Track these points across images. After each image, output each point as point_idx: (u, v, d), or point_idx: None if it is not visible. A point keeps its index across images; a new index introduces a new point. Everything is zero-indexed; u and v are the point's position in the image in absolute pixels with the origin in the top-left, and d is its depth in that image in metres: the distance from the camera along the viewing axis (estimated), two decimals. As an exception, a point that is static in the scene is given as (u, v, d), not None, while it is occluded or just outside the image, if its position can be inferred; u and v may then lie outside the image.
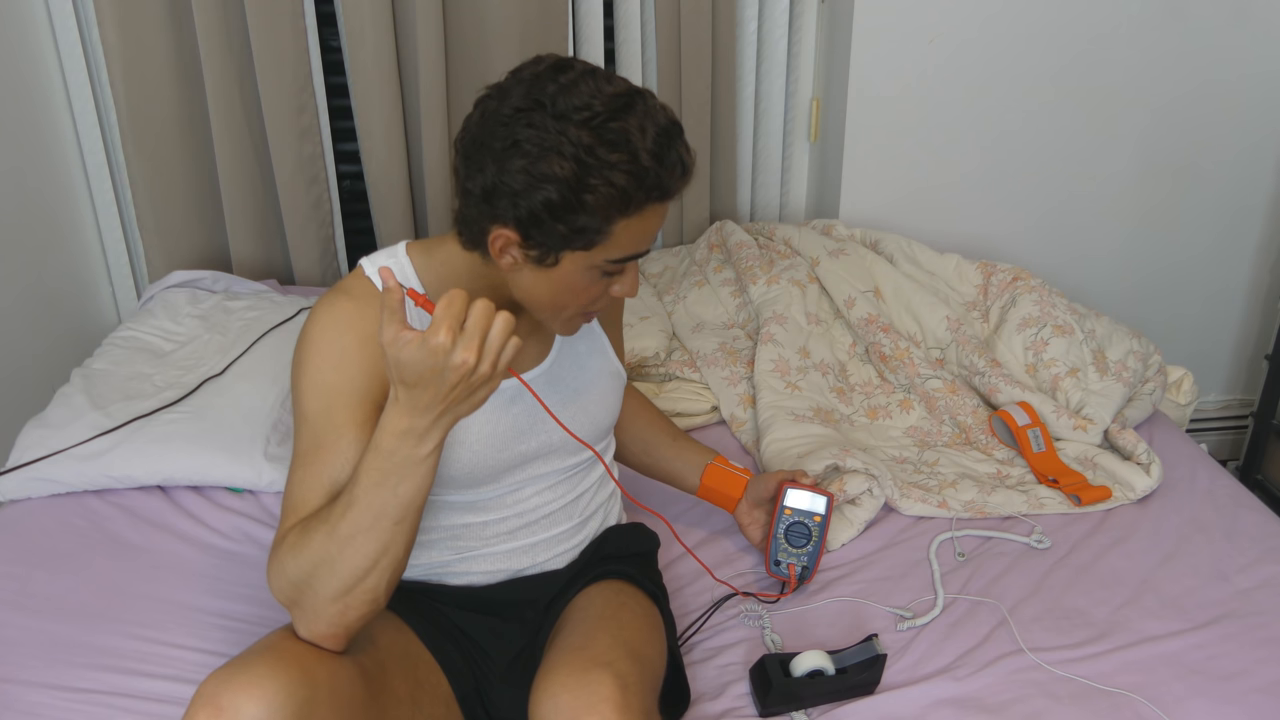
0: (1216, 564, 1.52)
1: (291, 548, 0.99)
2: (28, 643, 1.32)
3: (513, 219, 0.99)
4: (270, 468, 1.61)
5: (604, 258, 1.02)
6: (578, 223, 0.98)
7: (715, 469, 1.47)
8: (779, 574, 1.43)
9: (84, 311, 2.21)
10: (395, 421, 0.94)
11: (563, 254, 1.01)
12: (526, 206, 0.97)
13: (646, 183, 0.97)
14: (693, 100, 2.22)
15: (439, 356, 0.89)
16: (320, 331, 1.06)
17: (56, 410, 1.67)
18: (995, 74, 2.20)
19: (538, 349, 1.21)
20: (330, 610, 0.99)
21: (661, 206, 1.02)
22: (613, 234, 1.00)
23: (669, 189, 1.00)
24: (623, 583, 1.26)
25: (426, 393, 0.92)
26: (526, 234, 1.00)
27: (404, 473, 0.96)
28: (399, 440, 0.95)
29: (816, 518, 1.40)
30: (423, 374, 0.90)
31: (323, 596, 0.98)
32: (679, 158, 1.00)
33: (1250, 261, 2.50)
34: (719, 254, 2.21)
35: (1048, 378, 1.88)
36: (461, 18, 2.09)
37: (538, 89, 0.97)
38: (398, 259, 1.13)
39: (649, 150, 0.97)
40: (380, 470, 0.95)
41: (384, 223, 2.22)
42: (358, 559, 0.97)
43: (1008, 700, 1.27)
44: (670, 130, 0.99)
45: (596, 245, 1.01)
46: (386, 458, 0.95)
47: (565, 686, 1.02)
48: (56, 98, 2.08)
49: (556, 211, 0.97)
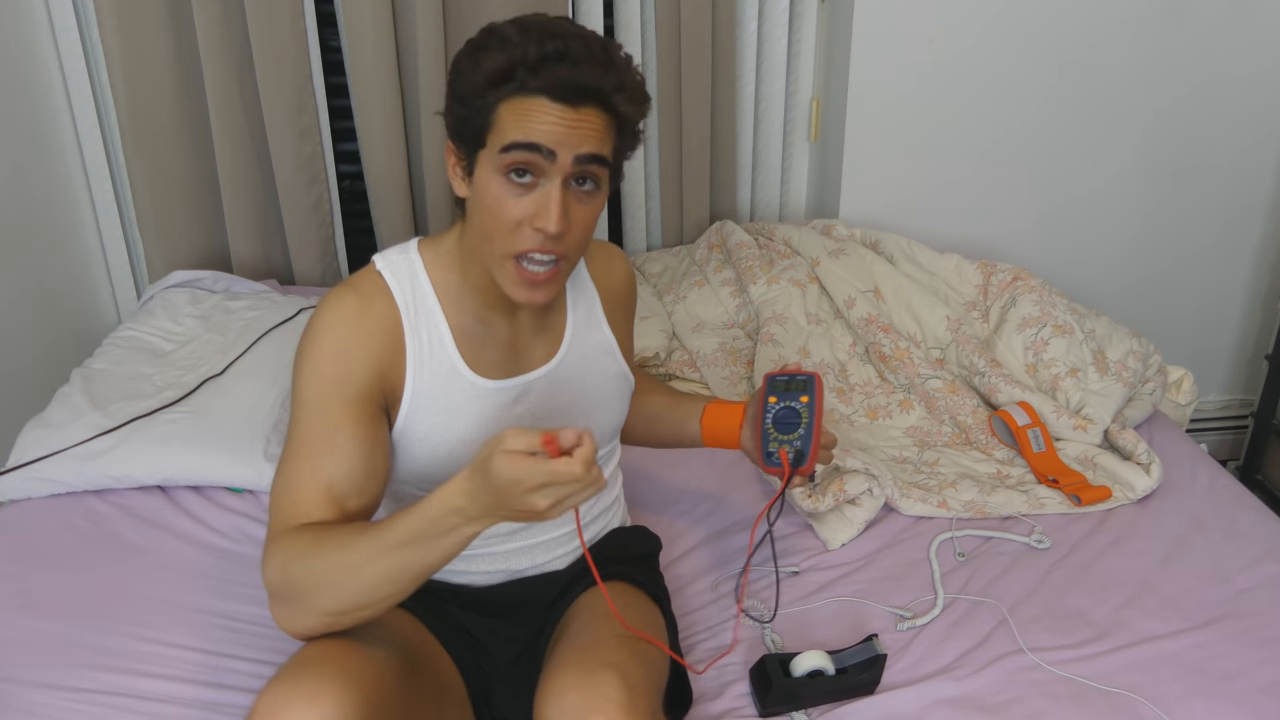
0: (1216, 564, 1.52)
1: (299, 555, 1.00)
2: (28, 643, 1.32)
3: (449, 128, 1.07)
4: (270, 468, 1.61)
5: (497, 146, 1.02)
6: (471, 104, 1.03)
7: (711, 408, 1.39)
8: (772, 465, 1.28)
9: (84, 311, 2.21)
10: (454, 498, 0.95)
11: (476, 158, 1.05)
12: (447, 103, 1.07)
13: (523, 58, 0.99)
14: (693, 100, 2.22)
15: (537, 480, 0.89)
16: (326, 325, 1.08)
17: (56, 410, 1.67)
18: (995, 74, 2.20)
19: (545, 349, 1.21)
20: (320, 620, 1.01)
21: (551, 102, 1.00)
22: (499, 117, 1.02)
23: (551, 74, 0.99)
24: (625, 584, 1.27)
25: (497, 496, 0.92)
26: (452, 137, 1.07)
27: (438, 542, 0.97)
28: (448, 514, 0.96)
29: (804, 398, 1.27)
30: (513, 485, 0.90)
31: (317, 609, 1.01)
32: (569, 49, 0.99)
33: (1250, 261, 2.51)
34: (719, 254, 2.21)
35: (1048, 378, 1.88)
36: (461, 18, 2.09)
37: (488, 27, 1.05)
38: (408, 255, 1.15)
39: (537, 36, 1.00)
40: (418, 533, 0.97)
41: (384, 223, 2.22)
42: (364, 593, 0.99)
43: (1008, 700, 1.27)
44: (582, 35, 1.02)
45: (489, 134, 1.03)
46: (430, 524, 0.96)
47: (571, 687, 1.03)
48: (56, 98, 2.08)
49: (456, 94, 1.04)
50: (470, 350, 1.14)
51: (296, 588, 1.00)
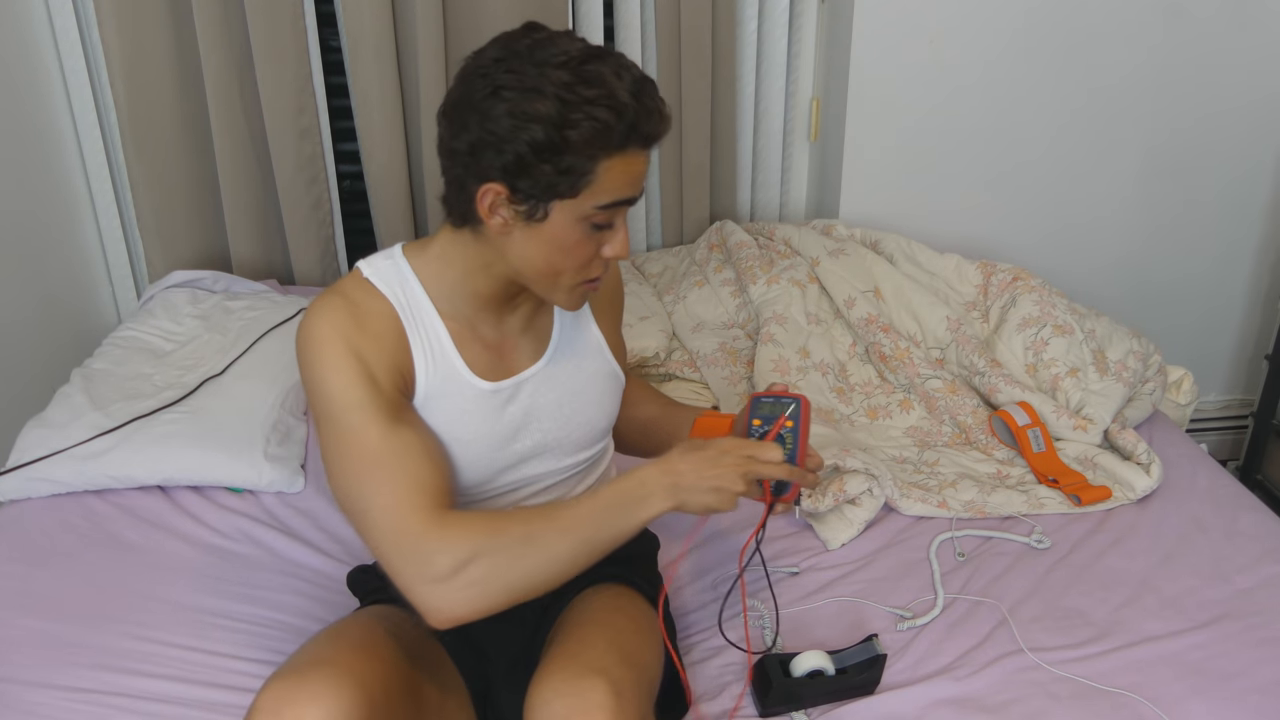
0: (1216, 564, 1.52)
1: (490, 534, 1.02)
2: (28, 643, 1.32)
3: (500, 170, 1.00)
4: (270, 468, 1.61)
5: (592, 204, 1.02)
6: (563, 163, 0.98)
7: (702, 419, 1.37)
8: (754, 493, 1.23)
9: (84, 311, 2.21)
10: (670, 464, 1.07)
11: (551, 205, 1.02)
12: (513, 151, 0.98)
13: (627, 119, 0.98)
14: (693, 100, 2.22)
15: (749, 448, 1.08)
16: (332, 329, 1.06)
17: (56, 410, 1.67)
18: (995, 74, 2.20)
19: (533, 348, 1.20)
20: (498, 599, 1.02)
21: (643, 153, 1.03)
22: (597, 175, 1.00)
23: (649, 132, 1.01)
24: (620, 586, 1.26)
25: (706, 461, 1.06)
26: (514, 185, 1.00)
27: (636, 510, 1.05)
28: (660, 478, 1.06)
29: (788, 423, 1.20)
30: (723, 449, 1.07)
31: (503, 585, 1.02)
32: (656, 104, 1.01)
33: (1250, 262, 2.50)
34: (719, 254, 2.21)
35: (1048, 378, 1.88)
36: (461, 18, 2.09)
37: (513, 42, 1.00)
38: (395, 261, 1.14)
39: (627, 90, 0.98)
40: (627, 495, 1.05)
41: (384, 223, 2.22)
42: (551, 567, 1.04)
43: (1008, 700, 1.27)
44: (645, 78, 1.01)
45: (583, 189, 1.01)
46: (639, 486, 1.05)
47: (559, 693, 1.02)
48: (56, 98, 2.08)
49: (542, 152, 0.97)
50: (466, 352, 1.14)
51: (488, 564, 1.01)
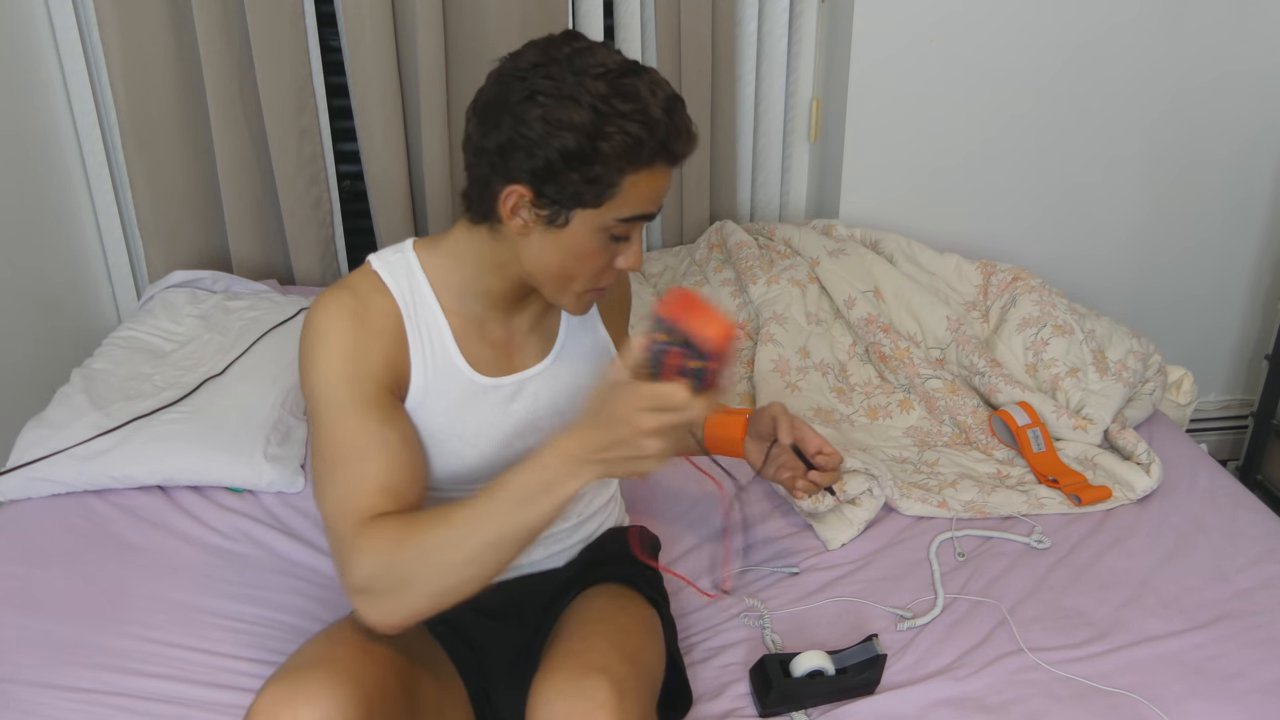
0: (1216, 564, 1.52)
1: (397, 541, 0.98)
2: (28, 643, 1.31)
3: (527, 173, 1.00)
4: (270, 468, 1.61)
5: (613, 215, 1.03)
6: (592, 173, 0.99)
7: (713, 418, 1.39)
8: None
9: (84, 311, 2.21)
10: (566, 445, 0.97)
11: (573, 213, 1.03)
12: (543, 156, 0.99)
13: (658, 135, 0.99)
14: (693, 100, 2.22)
15: (646, 401, 0.93)
16: (331, 326, 1.06)
17: (56, 410, 1.67)
18: (995, 74, 2.20)
19: (539, 347, 1.21)
20: (424, 604, 0.99)
21: (668, 169, 1.04)
22: (623, 189, 1.01)
23: (677, 150, 1.03)
24: (621, 586, 1.26)
25: (603, 433, 0.95)
26: (540, 190, 1.01)
27: (543, 499, 0.97)
28: (563, 461, 0.97)
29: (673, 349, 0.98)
30: (625, 406, 0.93)
31: (422, 591, 0.98)
32: (686, 123, 1.03)
33: (1250, 261, 2.51)
34: (719, 254, 2.21)
35: (1048, 378, 1.88)
36: (461, 18, 2.09)
37: (553, 49, 1.01)
38: (404, 254, 1.14)
39: (661, 107, 1.00)
40: (529, 487, 0.97)
41: (384, 223, 2.22)
42: (470, 565, 0.98)
43: (1008, 700, 1.27)
44: (677, 96, 1.03)
45: (606, 201, 1.02)
46: (542, 472, 0.97)
47: (561, 693, 1.02)
48: (56, 98, 2.08)
49: (572, 160, 0.98)
50: (468, 348, 1.15)
51: (399, 574, 0.98)
